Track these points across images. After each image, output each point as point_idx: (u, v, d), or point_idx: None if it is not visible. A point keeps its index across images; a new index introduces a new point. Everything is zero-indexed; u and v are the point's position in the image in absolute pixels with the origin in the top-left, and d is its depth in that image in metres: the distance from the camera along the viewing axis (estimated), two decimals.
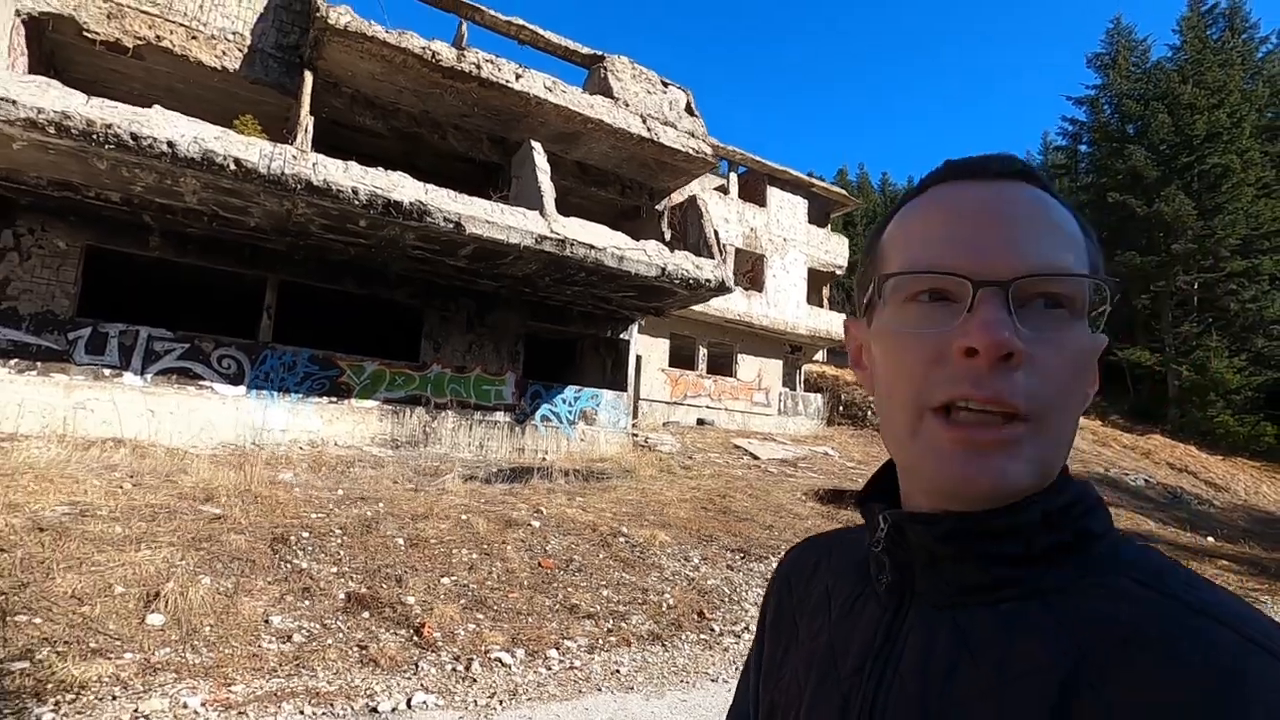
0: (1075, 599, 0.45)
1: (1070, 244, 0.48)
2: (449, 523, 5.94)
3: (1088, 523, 0.48)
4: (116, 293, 12.04)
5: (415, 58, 9.45)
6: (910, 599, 0.52)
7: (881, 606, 0.53)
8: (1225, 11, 30.53)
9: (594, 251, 9.94)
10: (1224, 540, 12.72)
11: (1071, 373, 0.47)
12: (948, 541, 0.48)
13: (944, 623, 0.48)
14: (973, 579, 0.48)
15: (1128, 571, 0.46)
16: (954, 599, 0.49)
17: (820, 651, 0.56)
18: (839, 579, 0.61)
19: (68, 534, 4.32)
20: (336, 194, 8.23)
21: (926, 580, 0.50)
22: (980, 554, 0.48)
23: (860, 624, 0.54)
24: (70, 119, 6.90)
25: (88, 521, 4.65)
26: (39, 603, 3.60)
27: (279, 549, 4.74)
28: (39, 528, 4.37)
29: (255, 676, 3.39)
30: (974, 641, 0.46)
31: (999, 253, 0.47)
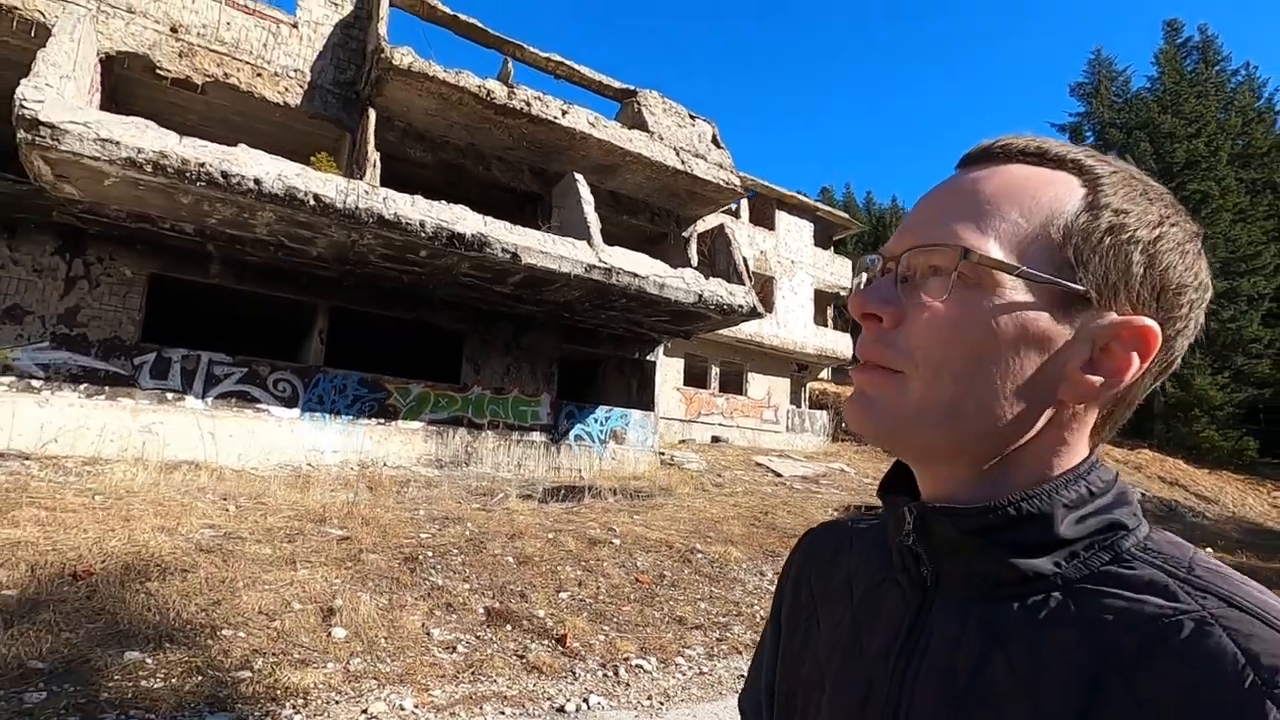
0: (1104, 591, 0.45)
1: (979, 214, 0.49)
2: (542, 541, 6.34)
3: (1116, 514, 0.48)
4: (168, 317, 12.28)
5: (471, 95, 9.93)
6: (936, 589, 0.52)
7: (906, 596, 0.54)
8: (1199, 44, 32.07)
9: (637, 279, 10.42)
10: (1222, 551, 13.42)
11: (938, 333, 0.48)
12: (971, 533, 0.49)
13: (971, 614, 0.49)
14: (998, 571, 0.48)
15: (1158, 563, 0.46)
16: (980, 591, 0.49)
17: (844, 638, 0.57)
18: (860, 566, 0.61)
19: (229, 555, 4.67)
20: (405, 226, 8.65)
21: (951, 572, 0.51)
22: (1004, 544, 0.48)
23: (884, 611, 0.55)
24: (167, 158, 7.26)
25: (235, 543, 4.99)
26: (235, 618, 3.96)
27: (413, 568, 5.11)
28: (201, 549, 4.71)
29: (444, 683, 3.78)
30: (1003, 633, 0.47)
31: (904, 232, 0.52)
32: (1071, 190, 0.48)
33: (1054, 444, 0.49)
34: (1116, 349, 0.47)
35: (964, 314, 0.47)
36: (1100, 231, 0.47)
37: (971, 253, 0.47)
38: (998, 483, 0.50)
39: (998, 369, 0.47)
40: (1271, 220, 28.38)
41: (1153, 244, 0.47)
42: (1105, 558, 0.47)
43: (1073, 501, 0.47)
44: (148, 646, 3.54)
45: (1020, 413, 0.48)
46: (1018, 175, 0.49)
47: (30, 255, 8.77)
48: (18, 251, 8.71)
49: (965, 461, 0.50)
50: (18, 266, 8.70)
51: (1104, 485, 0.49)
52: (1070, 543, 0.47)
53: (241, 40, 9.59)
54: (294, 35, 10.01)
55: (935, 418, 0.49)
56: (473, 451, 11.58)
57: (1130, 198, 0.48)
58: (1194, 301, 0.49)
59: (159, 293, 10.25)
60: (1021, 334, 0.47)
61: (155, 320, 11.05)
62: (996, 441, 0.49)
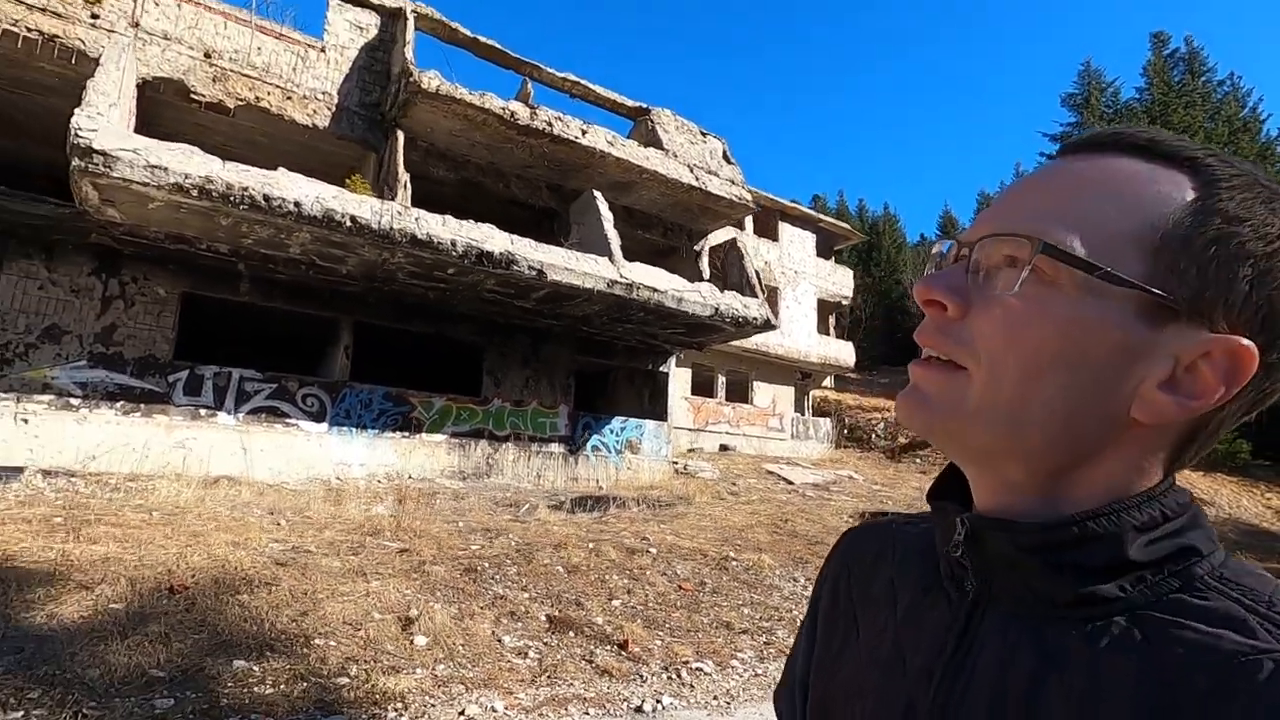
0: (1174, 620, 0.42)
1: (1068, 206, 0.45)
2: (585, 551, 6.58)
3: (1188, 536, 0.45)
4: (197, 334, 12.46)
5: (495, 116, 10.21)
6: (986, 604, 0.49)
7: (952, 610, 0.51)
8: (1185, 56, 32.80)
9: (656, 294, 10.71)
10: None
11: (1006, 329, 0.45)
12: (1029, 550, 0.46)
13: (1024, 633, 0.46)
14: (1057, 591, 0.46)
15: (1235, 594, 0.43)
16: (1034, 609, 0.47)
17: (885, 650, 0.54)
18: (904, 573, 0.58)
19: (305, 568, 4.90)
20: (436, 245, 8.90)
21: (1005, 588, 0.48)
22: (1064, 565, 0.45)
23: (928, 625, 0.52)
24: (212, 182, 7.50)
25: (305, 557, 5.22)
26: (323, 628, 4.19)
27: (474, 578, 5.35)
28: (276, 563, 4.94)
29: (524, 686, 4.02)
30: (1059, 657, 0.44)
31: (983, 219, 0.49)
32: (1180, 189, 0.44)
33: (1125, 465, 0.46)
34: (1204, 369, 0.43)
35: (1036, 311, 0.44)
36: (1205, 239, 0.43)
37: (1051, 246, 0.44)
38: (1060, 498, 0.47)
39: (1066, 375, 0.44)
40: None
41: (1266, 259, 0.43)
42: (1175, 584, 0.44)
43: (1144, 524, 0.44)
44: (251, 655, 3.77)
45: (1087, 426, 0.45)
46: (1121, 168, 0.46)
47: (68, 276, 8.97)
48: (56, 272, 8.90)
49: (1025, 470, 0.47)
50: (56, 287, 8.89)
51: (1178, 508, 0.46)
52: (1139, 566, 0.44)
53: (272, 64, 9.84)
54: (321, 59, 10.27)
55: (994, 419, 0.46)
56: (494, 463, 11.80)
57: (1247, 204, 0.44)
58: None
59: (190, 310, 10.45)
60: (1096, 340, 0.44)
61: (186, 337, 11.25)
62: (1059, 453, 0.46)
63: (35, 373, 8.63)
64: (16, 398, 8.47)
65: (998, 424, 0.46)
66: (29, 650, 3.42)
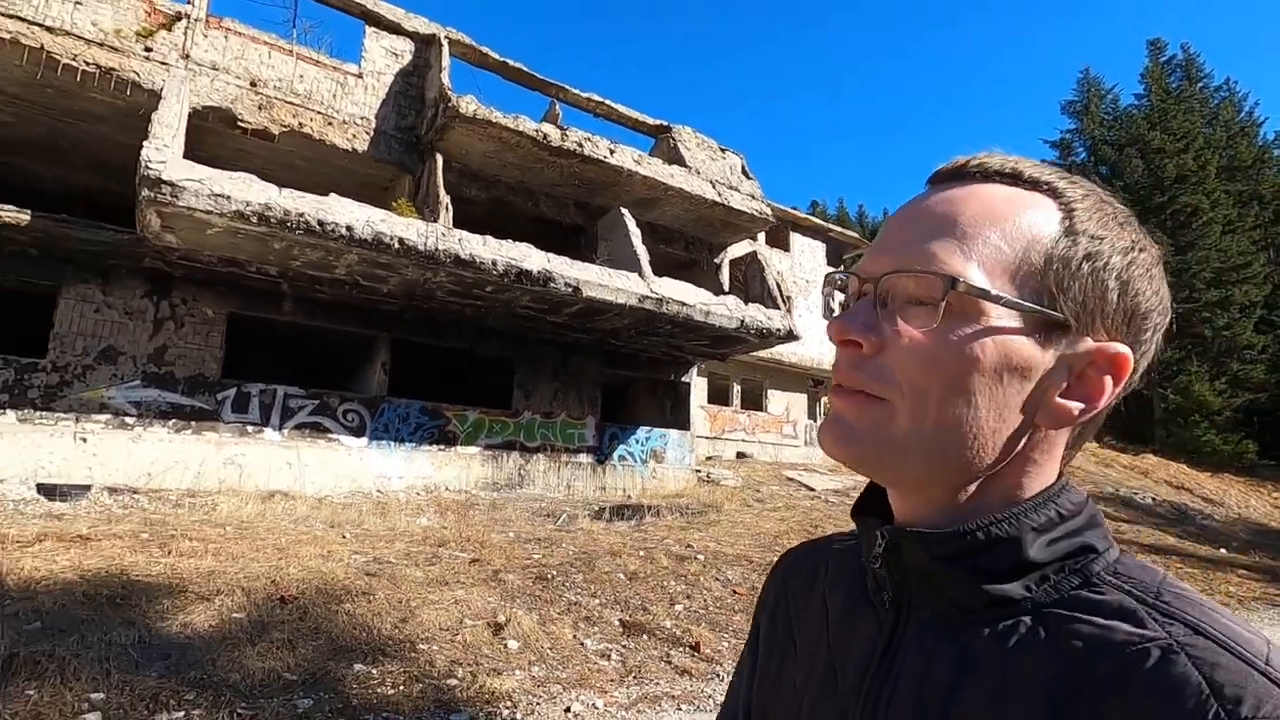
0: (1074, 616, 0.45)
1: (961, 239, 0.48)
2: (638, 559, 6.87)
3: (1085, 536, 0.48)
4: (238, 351, 12.77)
5: (528, 138, 10.55)
6: (908, 614, 0.51)
7: (879, 621, 0.53)
8: (1182, 63, 33.36)
9: (685, 308, 11.03)
10: (1236, 552, 14.08)
11: (923, 362, 0.47)
12: (941, 558, 0.48)
13: (942, 640, 0.49)
14: (969, 596, 0.48)
15: (1127, 588, 0.46)
16: (951, 616, 0.49)
17: (820, 664, 0.56)
18: (835, 588, 0.60)
19: (392, 579, 5.19)
20: (478, 265, 9.22)
21: (923, 597, 0.51)
22: (974, 570, 0.48)
23: (857, 637, 0.54)
24: (270, 209, 7.82)
25: (387, 567, 5.51)
26: (424, 633, 4.48)
27: (545, 586, 5.64)
28: (365, 574, 5.23)
29: (615, 686, 4.31)
30: (972, 660, 0.46)
31: (880, 252, 0.51)
32: (1049, 215, 0.48)
33: (1025, 466, 0.49)
34: (1092, 375, 0.48)
35: (948, 343, 0.47)
36: (1079, 258, 0.47)
37: (959, 282, 0.46)
38: (970, 506, 0.50)
39: (982, 398, 0.47)
40: (1259, 230, 29.52)
41: (1126, 270, 0.48)
42: (1075, 581, 0.47)
43: (1042, 525, 0.47)
44: (366, 659, 4.06)
45: (1002, 440, 0.48)
46: (997, 197, 0.49)
47: (122, 299, 9.27)
48: (111, 295, 9.21)
49: (944, 488, 0.50)
50: (111, 310, 9.20)
51: (1074, 508, 0.49)
52: (1040, 566, 0.47)
53: (313, 91, 10.19)
54: (359, 85, 10.62)
55: (920, 446, 0.48)
56: (526, 474, 12.09)
57: (1104, 222, 0.49)
58: (1158, 325, 0.50)
59: (234, 329, 10.75)
60: (1005, 362, 0.47)
61: (232, 356, 11.56)
62: (977, 468, 0.49)
63: (93, 393, 8.92)
64: (76, 417, 8.76)
65: (924, 450, 0.48)
66: (175, 657, 3.72)
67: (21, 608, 3.86)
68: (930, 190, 0.52)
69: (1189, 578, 10.87)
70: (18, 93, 9.37)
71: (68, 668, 3.38)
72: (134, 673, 3.50)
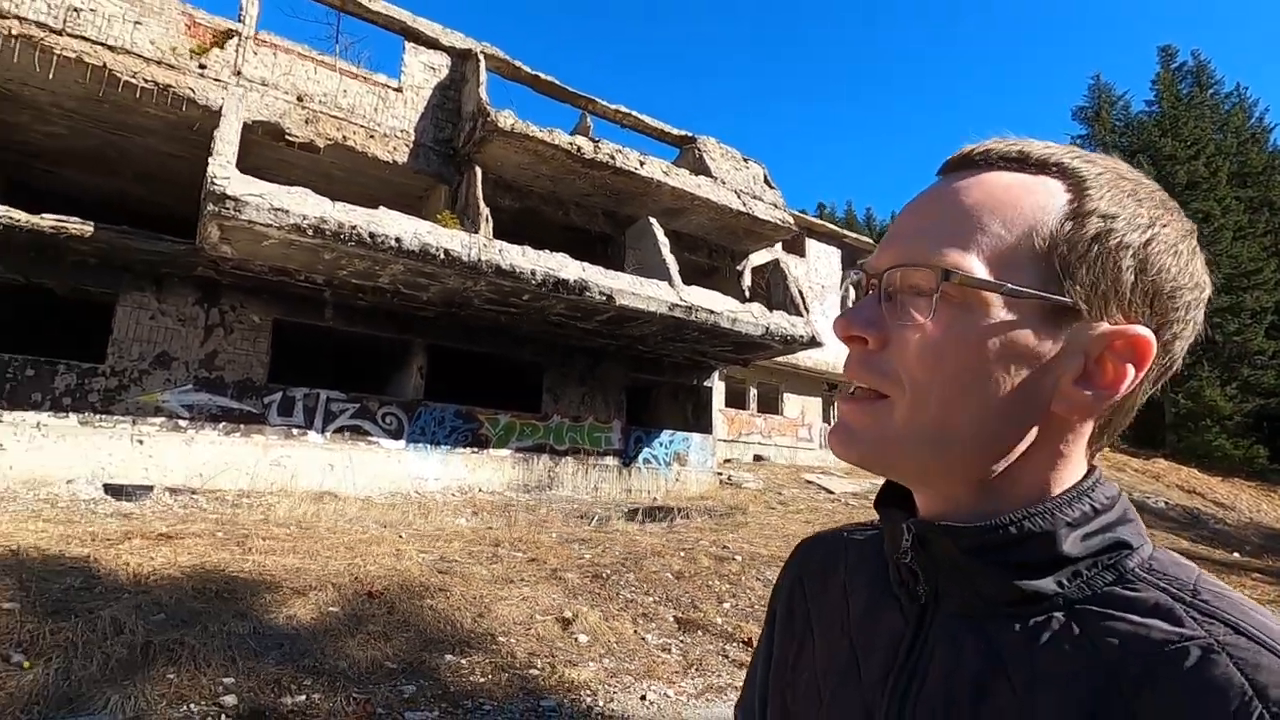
0: (1108, 613, 0.44)
1: (960, 229, 0.48)
2: (681, 559, 7.18)
3: (1119, 531, 0.47)
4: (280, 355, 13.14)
5: (563, 151, 10.89)
6: (935, 608, 0.51)
7: (905, 615, 0.52)
8: (1193, 69, 33.52)
9: (713, 315, 11.34)
10: (1250, 556, 14.31)
11: (924, 356, 0.47)
12: (972, 551, 0.48)
13: (971, 635, 0.48)
14: (999, 590, 0.47)
15: (1163, 585, 0.45)
16: (980, 610, 0.48)
17: (841, 659, 0.56)
18: (856, 579, 0.59)
19: (462, 577, 5.52)
20: (518, 275, 9.56)
21: (951, 590, 0.50)
22: (1006, 564, 0.47)
23: (882, 630, 0.54)
24: (325, 222, 8.16)
25: (455, 566, 5.84)
26: (500, 627, 4.81)
27: (602, 584, 5.96)
28: (438, 571, 5.56)
29: (681, 677, 4.63)
30: (1002, 655, 0.46)
31: (886, 246, 0.51)
32: (1054, 196, 0.47)
33: (1051, 457, 0.48)
34: (1110, 360, 0.46)
35: (949, 335, 0.47)
36: (1087, 239, 0.46)
37: (953, 273, 0.46)
38: (997, 499, 0.49)
39: (987, 388, 0.46)
40: (1269, 236, 29.67)
41: (1144, 248, 0.46)
42: (1109, 578, 0.46)
43: (1076, 519, 0.46)
44: (454, 651, 4.39)
45: (1013, 431, 0.47)
46: (999, 184, 0.48)
47: (175, 306, 9.64)
48: (165, 303, 9.58)
49: (960, 480, 0.49)
50: (165, 317, 9.56)
51: (1107, 502, 0.48)
52: (1074, 561, 0.46)
53: (356, 106, 10.54)
54: (399, 99, 10.97)
55: (922, 440, 0.48)
56: (555, 476, 12.41)
57: (1117, 199, 0.47)
58: (1191, 303, 0.48)
59: (278, 335, 11.11)
60: (1010, 351, 0.46)
61: (276, 361, 11.92)
62: (990, 460, 0.48)
63: (148, 397, 9.28)
64: (133, 420, 9.13)
65: (927, 444, 0.48)
66: (286, 646, 4.05)
67: (142, 600, 4.20)
68: (938, 181, 0.52)
69: None
70: (75, 107, 9.75)
71: (198, 654, 3.71)
72: (255, 660, 3.83)
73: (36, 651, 3.49)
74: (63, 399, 8.77)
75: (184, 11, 9.73)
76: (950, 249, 0.47)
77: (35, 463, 8.44)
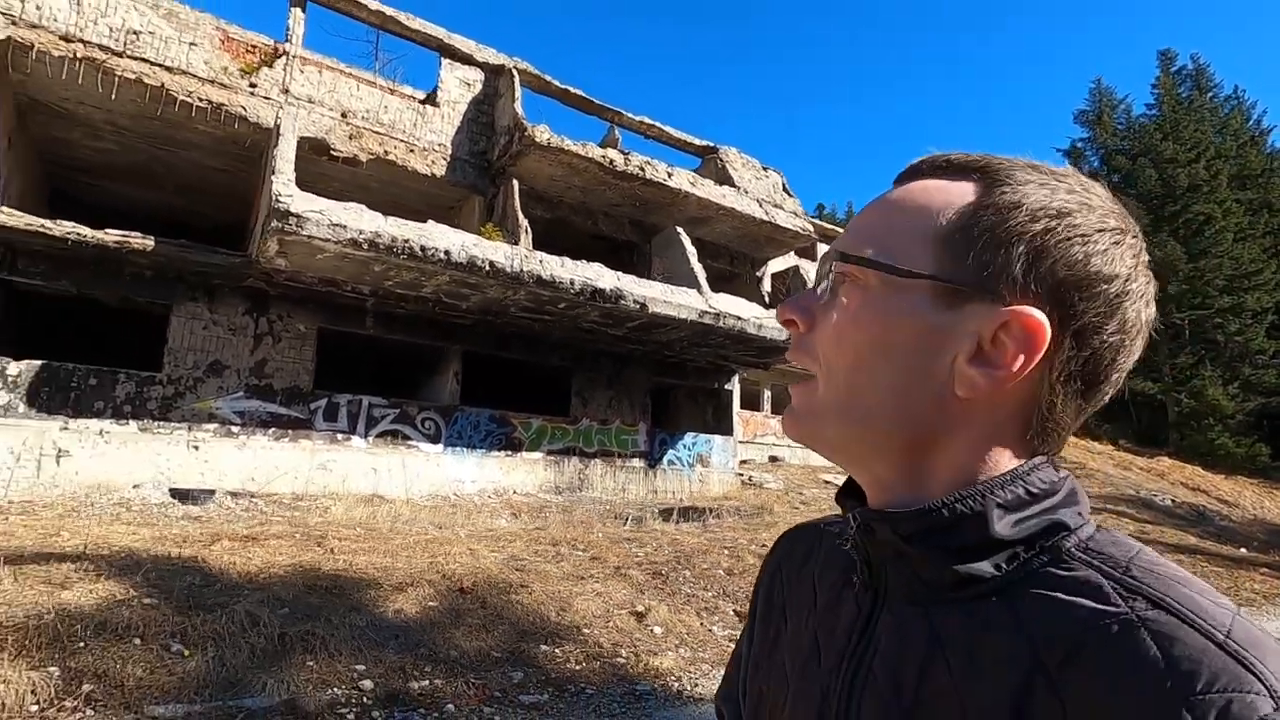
0: (1037, 593, 0.45)
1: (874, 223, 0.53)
2: (727, 556, 7.56)
3: (1058, 513, 0.48)
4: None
5: (595, 164, 11.26)
6: (884, 595, 0.52)
7: (857, 602, 0.54)
8: (1192, 73, 34.01)
9: (740, 321, 11.72)
10: (1256, 552, 14.72)
11: (832, 335, 0.52)
12: (909, 537, 0.49)
13: (916, 620, 0.49)
14: (938, 575, 0.48)
15: (1095, 563, 0.46)
16: (923, 595, 0.50)
17: (806, 646, 0.58)
18: (824, 570, 0.61)
19: (538, 574, 5.89)
20: (557, 285, 9.92)
21: (896, 577, 0.51)
22: (944, 548, 0.48)
23: (840, 618, 0.55)
24: (380, 236, 8.52)
25: (526, 563, 6.21)
26: (582, 620, 5.17)
27: (663, 581, 6.33)
28: (514, 569, 5.93)
29: None
30: (944, 639, 0.47)
31: (835, 243, 0.55)
32: (963, 194, 0.50)
33: (974, 443, 0.50)
34: (1005, 341, 0.47)
35: (851, 314, 0.51)
36: (980, 228, 0.48)
37: (843, 254, 0.51)
38: (926, 485, 0.50)
39: (887, 363, 0.49)
40: (1269, 237, 30.14)
41: (1041, 235, 0.47)
42: (1044, 559, 0.47)
43: (1008, 502, 0.47)
44: (546, 641, 4.76)
45: (918, 407, 0.49)
46: (920, 187, 0.52)
47: (226, 316, 9.98)
48: (216, 313, 9.92)
49: (883, 461, 0.52)
50: (217, 326, 9.91)
51: (1045, 486, 0.49)
52: (1010, 544, 0.47)
53: (396, 121, 10.90)
54: (436, 113, 11.33)
55: (838, 415, 0.52)
56: (585, 478, 12.78)
57: (1024, 193, 0.49)
58: (1109, 294, 0.48)
59: (320, 342, 11.46)
60: (904, 328, 0.49)
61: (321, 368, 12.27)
62: (903, 438, 0.50)
63: (202, 404, 9.63)
64: (189, 427, 9.47)
65: (839, 416, 0.52)
66: (402, 637, 4.41)
67: (264, 596, 4.56)
68: (895, 188, 0.55)
69: (1214, 576, 11.49)
70: (128, 125, 10.10)
71: (329, 644, 4.08)
72: (377, 649, 4.20)
73: (190, 641, 3.85)
74: (123, 406, 9.12)
75: (218, 27, 10.08)
76: (858, 240, 0.52)
77: (99, 468, 8.78)
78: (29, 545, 5.39)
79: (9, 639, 3.50)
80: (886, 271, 0.49)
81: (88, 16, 8.73)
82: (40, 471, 8.51)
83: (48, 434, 8.62)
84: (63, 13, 8.60)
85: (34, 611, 3.89)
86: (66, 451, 8.67)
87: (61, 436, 8.69)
